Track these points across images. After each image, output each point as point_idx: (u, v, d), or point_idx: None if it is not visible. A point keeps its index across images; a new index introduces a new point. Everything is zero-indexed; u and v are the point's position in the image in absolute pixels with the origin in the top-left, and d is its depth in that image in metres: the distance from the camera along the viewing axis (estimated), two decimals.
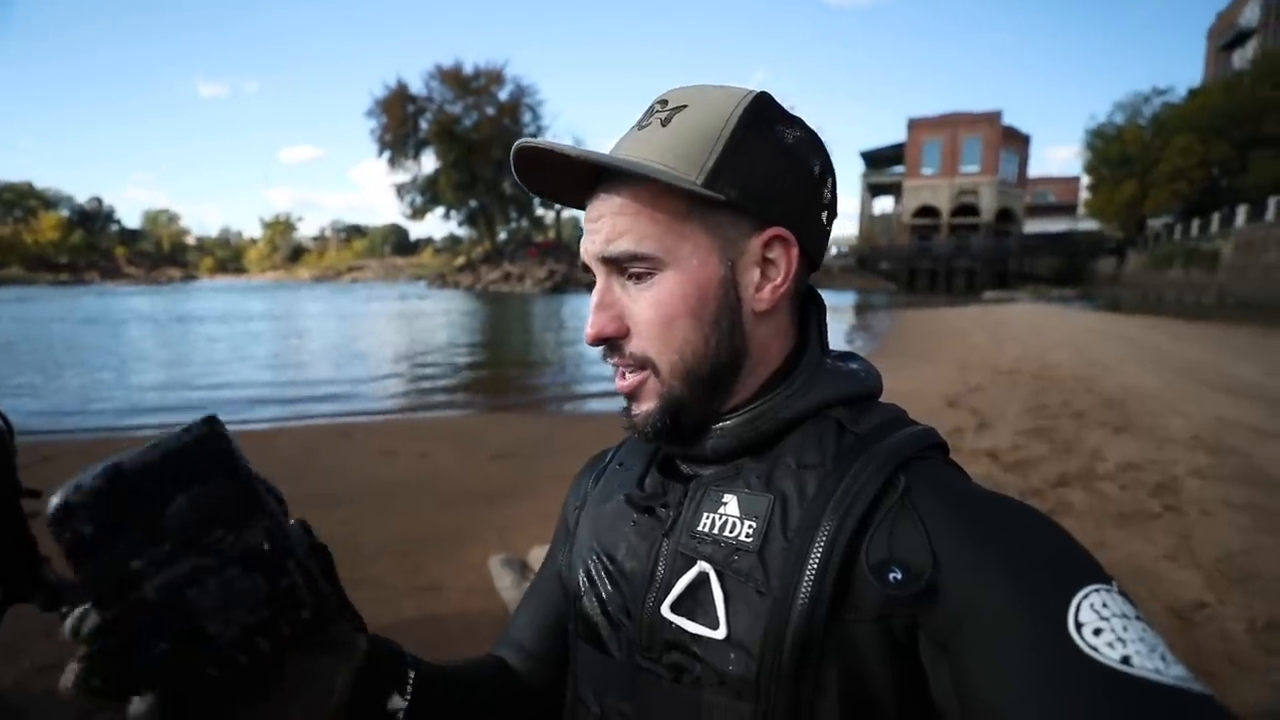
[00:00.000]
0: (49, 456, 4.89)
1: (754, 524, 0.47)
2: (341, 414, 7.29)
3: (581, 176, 0.52)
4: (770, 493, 0.48)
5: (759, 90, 0.51)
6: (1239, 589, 2.64)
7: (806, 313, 0.56)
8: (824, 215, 0.53)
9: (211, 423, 0.36)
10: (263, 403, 7.85)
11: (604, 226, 0.50)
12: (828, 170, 0.53)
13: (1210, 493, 3.78)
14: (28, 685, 2.15)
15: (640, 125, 0.51)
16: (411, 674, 0.49)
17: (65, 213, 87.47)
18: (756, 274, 0.51)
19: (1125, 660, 0.34)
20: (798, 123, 0.52)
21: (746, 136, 0.49)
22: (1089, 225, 47.71)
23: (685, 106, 0.50)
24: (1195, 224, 29.87)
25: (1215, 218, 27.88)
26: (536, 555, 3.02)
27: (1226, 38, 40.64)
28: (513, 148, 0.49)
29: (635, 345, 0.51)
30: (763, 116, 0.50)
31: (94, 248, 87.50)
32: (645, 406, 0.52)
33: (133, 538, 0.32)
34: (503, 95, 56.15)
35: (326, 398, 8.34)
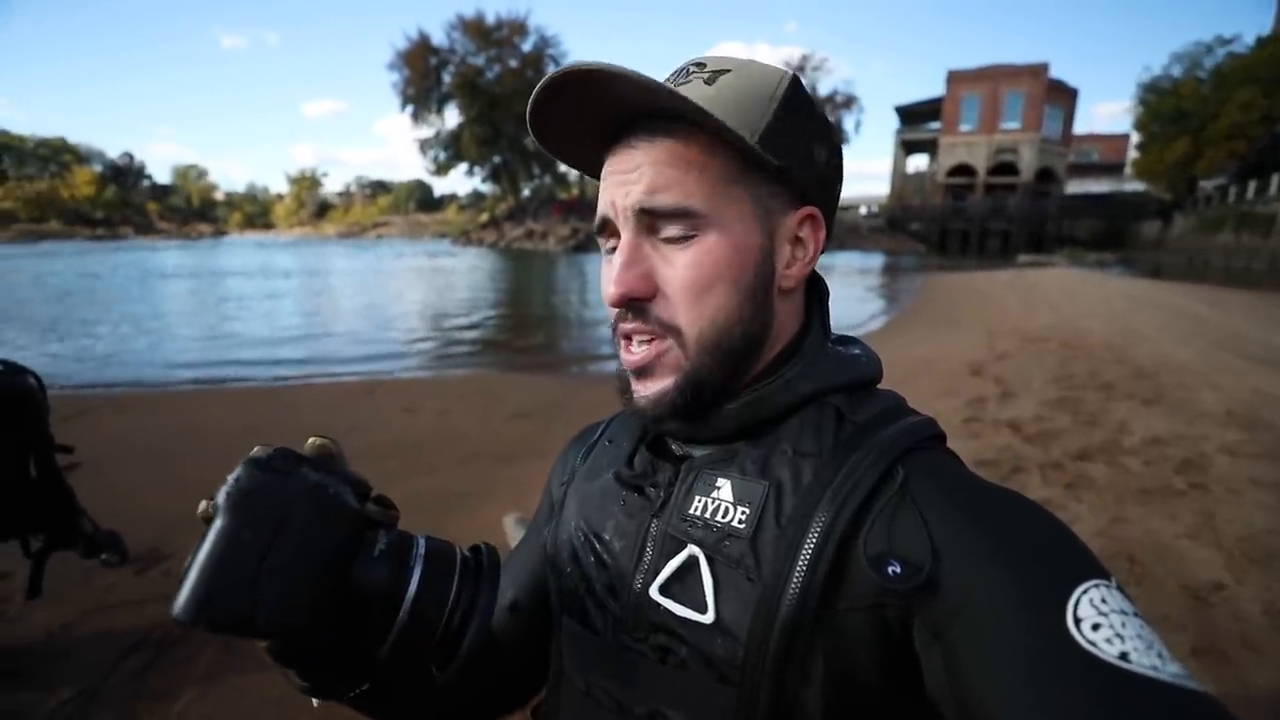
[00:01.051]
0: (85, 410, 5.11)
1: (747, 510, 0.46)
2: (366, 371, 7.44)
3: (602, 125, 0.48)
4: (765, 479, 0.47)
5: (791, 70, 0.51)
6: (1259, 570, 2.59)
7: (810, 295, 0.56)
8: (838, 198, 0.55)
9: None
10: (288, 361, 8.04)
11: (644, 176, 0.46)
12: (842, 154, 0.54)
13: (1239, 470, 3.67)
14: (73, 628, 2.29)
15: (677, 83, 0.48)
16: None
17: (98, 168, 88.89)
18: (789, 250, 0.50)
19: (1123, 656, 0.34)
20: (822, 107, 0.52)
21: (795, 109, 0.48)
22: (1135, 186, 45.49)
23: (729, 71, 0.48)
24: (1252, 186, 28.22)
25: (1276, 179, 26.31)
26: None
27: None
28: (547, 77, 0.44)
29: (663, 309, 0.48)
30: (803, 94, 0.49)
31: (127, 203, 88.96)
32: (660, 383, 0.49)
33: None
34: (526, 47, 54.89)
35: (352, 355, 8.51)
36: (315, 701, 0.49)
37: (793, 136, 0.47)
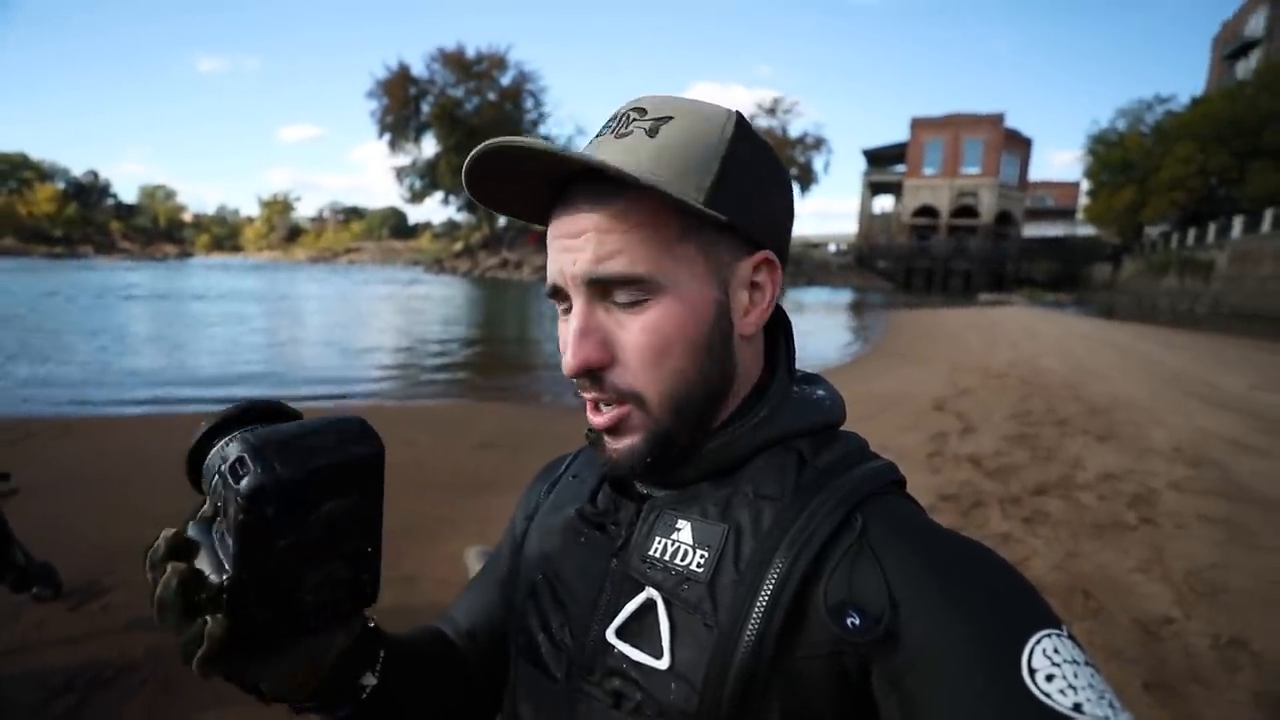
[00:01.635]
0: (27, 434, 4.87)
1: (706, 553, 0.46)
2: (329, 398, 7.27)
3: (539, 185, 0.48)
4: (725, 522, 0.47)
5: (735, 109, 0.50)
6: (1207, 604, 2.67)
7: (773, 335, 0.56)
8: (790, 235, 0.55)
9: (376, 442, 0.42)
10: (249, 382, 7.82)
11: (590, 244, 0.45)
12: (792, 191, 0.54)
13: (1186, 505, 3.81)
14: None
15: (618, 133, 0.47)
16: (382, 653, 0.50)
17: (61, 185, 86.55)
18: (745, 297, 0.49)
19: (1077, 708, 0.34)
20: (767, 144, 0.51)
21: (740, 154, 0.47)
22: (1087, 231, 47.81)
23: (671, 118, 0.46)
24: (1192, 233, 29.96)
25: (1212, 227, 27.98)
26: None
27: (1231, 47, 40.54)
28: (482, 147, 0.44)
29: (619, 377, 0.47)
30: (749, 137, 0.48)
31: (89, 221, 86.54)
32: (627, 442, 0.49)
33: (286, 522, 0.38)
34: (505, 80, 55.81)
35: (315, 381, 8.31)
36: None
37: (741, 184, 0.47)
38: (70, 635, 2.34)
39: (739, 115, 0.49)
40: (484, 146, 0.44)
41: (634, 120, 0.47)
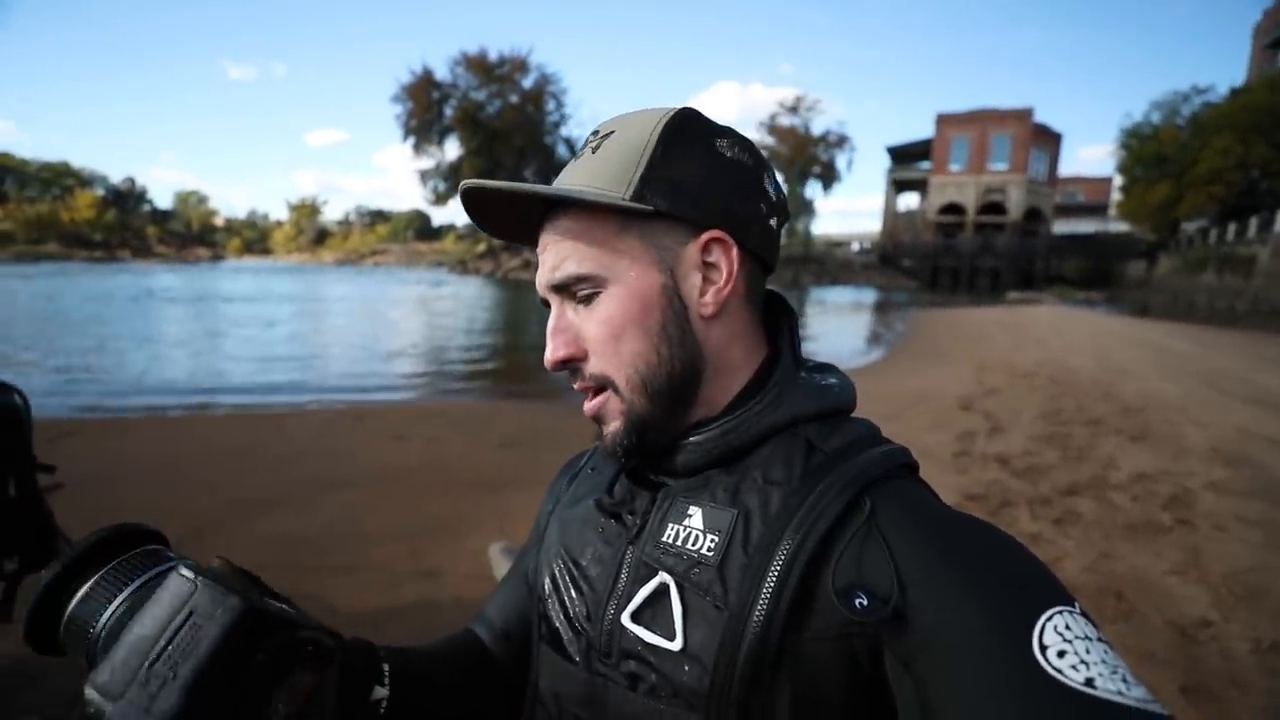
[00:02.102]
0: (70, 432, 5.05)
1: (716, 538, 0.47)
2: (356, 398, 7.41)
3: (532, 211, 0.54)
4: (735, 507, 0.48)
5: (683, 107, 0.53)
6: (1246, 607, 2.59)
7: (777, 323, 0.56)
8: (769, 219, 0.54)
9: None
10: (277, 387, 8.00)
11: (550, 256, 0.52)
12: (764, 173, 0.54)
13: (1225, 507, 3.69)
14: (41, 656, 2.23)
15: (577, 156, 0.53)
16: (386, 666, 0.53)
17: (100, 191, 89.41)
18: (698, 278, 0.51)
19: (1089, 682, 0.34)
20: (728, 132, 0.53)
21: (671, 149, 0.50)
22: (1120, 227, 46.48)
23: (613, 132, 0.52)
24: (1231, 228, 28.93)
25: (1253, 222, 26.98)
26: None
27: (1272, 36, 39.06)
28: (459, 188, 0.51)
29: (593, 366, 0.52)
30: (685, 130, 0.51)
31: (127, 226, 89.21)
32: (612, 426, 0.52)
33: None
34: (527, 83, 56.12)
35: (342, 381, 8.47)
36: None
37: (671, 174, 0.49)
38: None
39: (677, 113, 0.52)
40: (462, 188, 0.51)
41: (589, 142, 0.53)
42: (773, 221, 0.54)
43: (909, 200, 57.03)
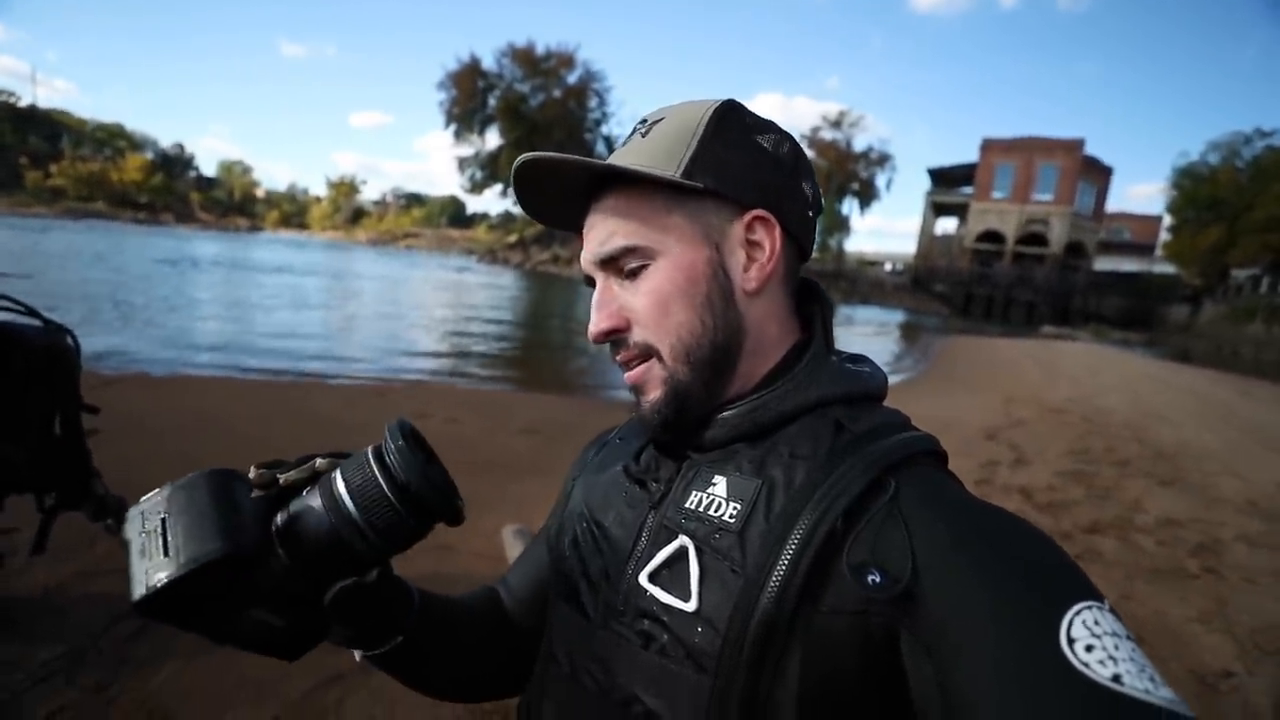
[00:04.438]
0: (110, 382, 5.22)
1: (739, 506, 0.48)
2: (380, 374, 7.53)
3: (576, 197, 0.55)
4: (759, 477, 0.49)
5: (728, 99, 0.55)
6: (1273, 663, 2.50)
7: (810, 309, 0.58)
8: (806, 209, 0.56)
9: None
10: (307, 357, 8.17)
11: (599, 231, 0.54)
12: (802, 164, 0.56)
13: (1258, 560, 3.57)
14: (69, 588, 2.31)
15: (624, 143, 0.56)
16: (416, 594, 0.59)
17: (150, 156, 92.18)
18: (743, 255, 0.53)
19: (1116, 679, 0.34)
20: (771, 126, 0.55)
21: (718, 133, 0.52)
22: (1165, 268, 45.15)
23: (662, 119, 0.54)
24: None
25: None
26: None
27: None
28: (515, 162, 0.52)
29: (638, 335, 0.53)
30: (732, 118, 0.54)
31: (171, 191, 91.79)
32: (652, 396, 0.53)
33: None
34: (571, 79, 56.47)
35: (367, 357, 8.62)
36: (358, 655, 0.56)
37: (720, 156, 0.52)
38: None
39: (724, 103, 0.54)
40: (517, 163, 0.52)
41: (637, 129, 0.55)
42: (809, 213, 0.56)
43: (947, 224, 56.07)
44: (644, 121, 0.55)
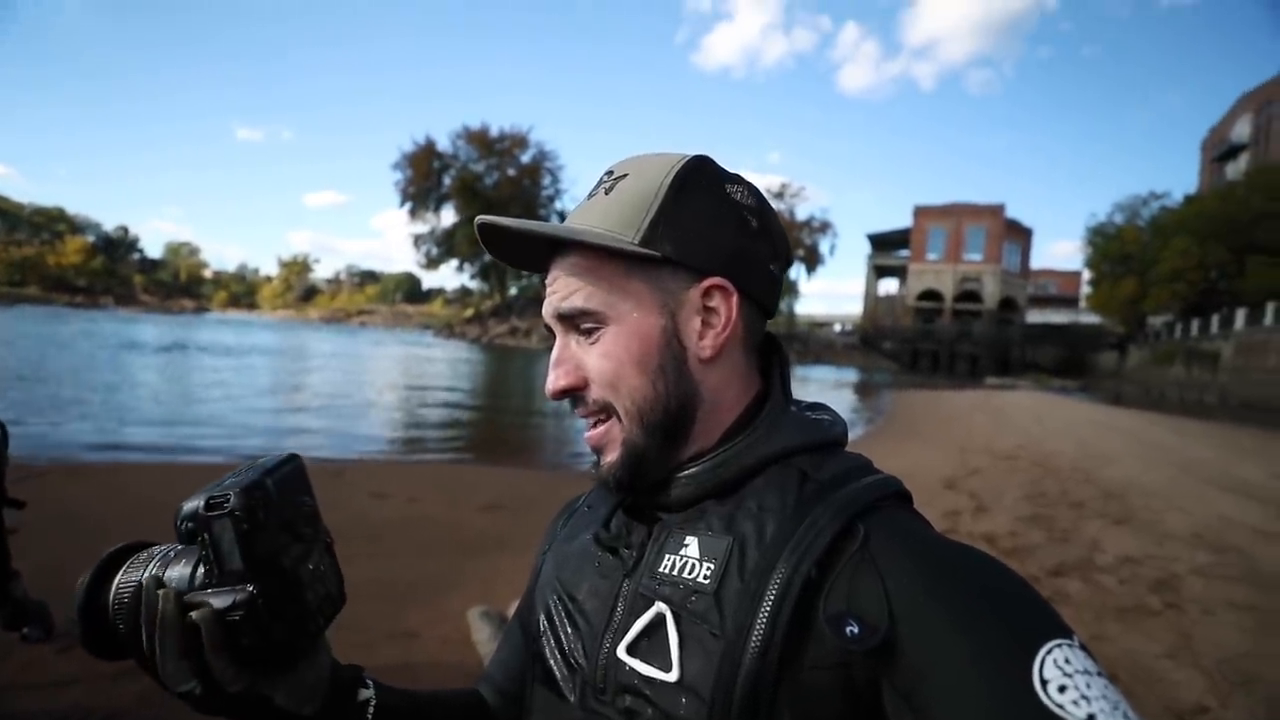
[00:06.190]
0: (41, 474, 4.86)
1: (712, 565, 0.47)
2: (336, 454, 7.24)
3: (542, 244, 0.55)
4: (730, 534, 0.48)
5: (696, 154, 0.55)
6: (1243, 694, 2.55)
7: (769, 362, 0.58)
8: (770, 264, 0.55)
9: (290, 455, 0.47)
10: (256, 435, 7.82)
11: (559, 287, 0.53)
12: (769, 221, 0.56)
13: (1212, 592, 3.68)
14: None
15: (590, 196, 0.55)
16: (368, 678, 0.54)
17: (91, 239, 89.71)
18: (698, 322, 0.52)
19: (1091, 718, 0.34)
20: (737, 179, 0.55)
21: (680, 196, 0.52)
22: (1091, 318, 48.36)
23: (626, 175, 0.54)
24: (1195, 324, 30.28)
25: (1215, 319, 28.31)
26: None
27: (1219, 150, 42.47)
28: (475, 222, 0.53)
29: (595, 393, 0.52)
30: (696, 177, 0.53)
31: (113, 274, 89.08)
32: (610, 457, 0.53)
33: (279, 519, 0.43)
34: (525, 158, 58.59)
35: (322, 436, 8.30)
36: None
37: (681, 220, 0.51)
38: (58, 678, 2.27)
39: (689, 162, 0.53)
40: (477, 222, 0.54)
41: (603, 182, 0.55)
42: (774, 267, 0.56)
43: (889, 285, 59.10)
44: (609, 174, 0.55)
